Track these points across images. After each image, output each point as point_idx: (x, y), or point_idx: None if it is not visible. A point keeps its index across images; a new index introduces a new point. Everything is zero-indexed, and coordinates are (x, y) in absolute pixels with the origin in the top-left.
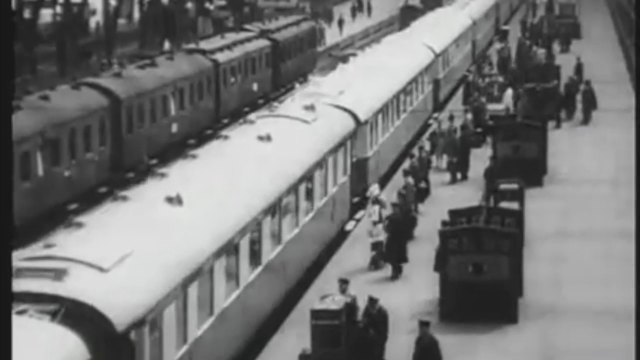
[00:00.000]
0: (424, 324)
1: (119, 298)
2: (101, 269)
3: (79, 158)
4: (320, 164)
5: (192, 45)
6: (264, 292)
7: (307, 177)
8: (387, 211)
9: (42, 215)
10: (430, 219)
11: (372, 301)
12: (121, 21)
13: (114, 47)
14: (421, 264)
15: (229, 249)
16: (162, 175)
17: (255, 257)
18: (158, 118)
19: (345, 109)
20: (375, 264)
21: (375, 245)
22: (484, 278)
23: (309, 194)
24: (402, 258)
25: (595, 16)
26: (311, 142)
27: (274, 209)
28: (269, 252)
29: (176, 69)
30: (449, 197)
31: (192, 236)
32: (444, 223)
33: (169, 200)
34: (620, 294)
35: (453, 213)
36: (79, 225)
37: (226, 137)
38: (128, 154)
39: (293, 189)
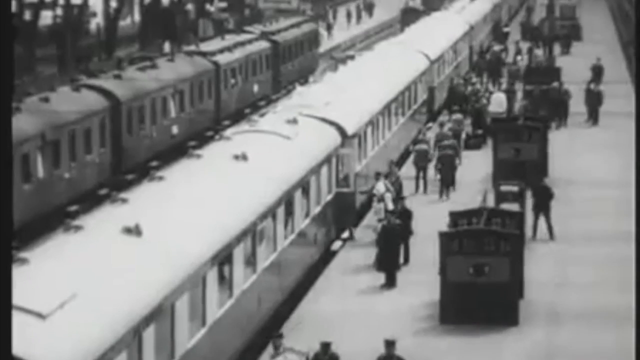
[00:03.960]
0: (389, 344)
1: (59, 349)
2: (40, 315)
3: (79, 160)
4: (302, 183)
5: (192, 47)
6: (235, 328)
7: (286, 198)
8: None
9: (42, 217)
10: (430, 221)
11: (325, 346)
12: (121, 23)
13: (114, 49)
14: (421, 265)
15: (195, 283)
16: (123, 200)
17: (225, 289)
18: (158, 120)
19: (331, 122)
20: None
21: None
22: (485, 280)
23: (289, 216)
24: (394, 266)
25: (596, 18)
26: (292, 160)
27: (248, 236)
28: (241, 284)
29: (176, 70)
30: (449, 201)
31: (151, 272)
32: (451, 218)
33: (127, 230)
34: (621, 296)
35: (454, 215)
36: (23, 261)
37: (199, 156)
38: (128, 155)
39: (270, 212)
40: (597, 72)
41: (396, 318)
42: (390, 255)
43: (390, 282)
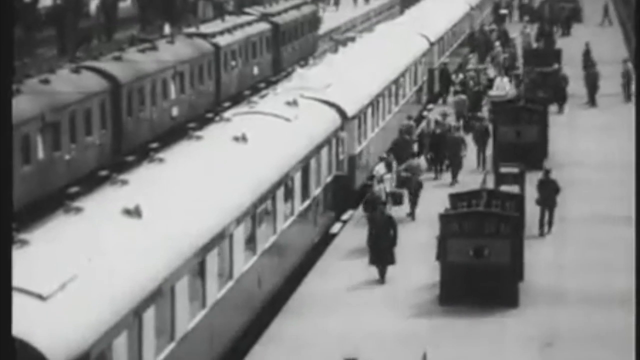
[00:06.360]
0: None
1: (59, 331)
2: (40, 297)
3: (79, 142)
4: (302, 165)
5: (192, 29)
6: (235, 310)
7: (286, 180)
8: None
9: (42, 198)
10: (428, 204)
11: None
12: (122, 4)
13: (114, 30)
14: (419, 248)
15: (195, 264)
16: (123, 182)
17: (225, 272)
18: (158, 101)
19: (331, 104)
20: None
21: None
22: (485, 262)
23: (288, 198)
24: (385, 260)
25: (596, 0)
26: (292, 142)
27: (247, 218)
28: (241, 266)
29: (177, 52)
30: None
31: (151, 253)
32: (451, 200)
33: (127, 212)
34: (621, 278)
35: (453, 197)
36: (23, 242)
37: (199, 138)
38: (128, 137)
39: (270, 194)
40: (586, 58)
41: (396, 299)
42: (382, 249)
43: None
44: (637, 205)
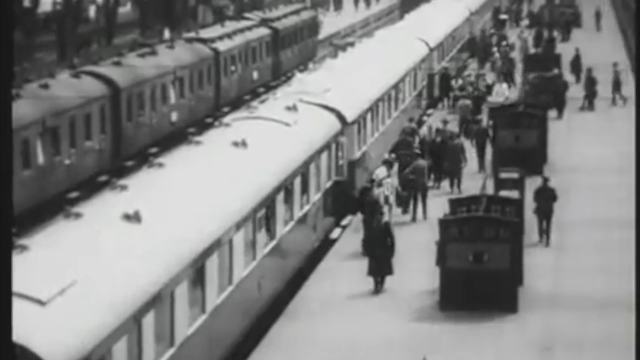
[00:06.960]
0: None
1: (59, 336)
2: (39, 302)
3: (79, 146)
4: (301, 170)
5: (192, 34)
6: (235, 315)
7: (286, 186)
8: None
9: (42, 203)
10: (428, 209)
11: None
12: (121, 9)
13: (114, 35)
14: (419, 252)
15: (193, 271)
16: (122, 187)
17: (224, 277)
18: (158, 106)
19: (331, 109)
20: None
21: None
22: (485, 267)
23: (288, 203)
24: (384, 270)
25: (595, 5)
26: (291, 147)
27: (247, 223)
28: (241, 271)
29: (176, 57)
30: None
31: (150, 258)
32: (451, 205)
33: (127, 217)
34: (621, 282)
35: (453, 202)
36: (23, 247)
37: (198, 143)
38: (128, 142)
39: (269, 200)
40: (575, 64)
41: (395, 304)
42: (379, 258)
43: (379, 288)
44: (637, 209)
